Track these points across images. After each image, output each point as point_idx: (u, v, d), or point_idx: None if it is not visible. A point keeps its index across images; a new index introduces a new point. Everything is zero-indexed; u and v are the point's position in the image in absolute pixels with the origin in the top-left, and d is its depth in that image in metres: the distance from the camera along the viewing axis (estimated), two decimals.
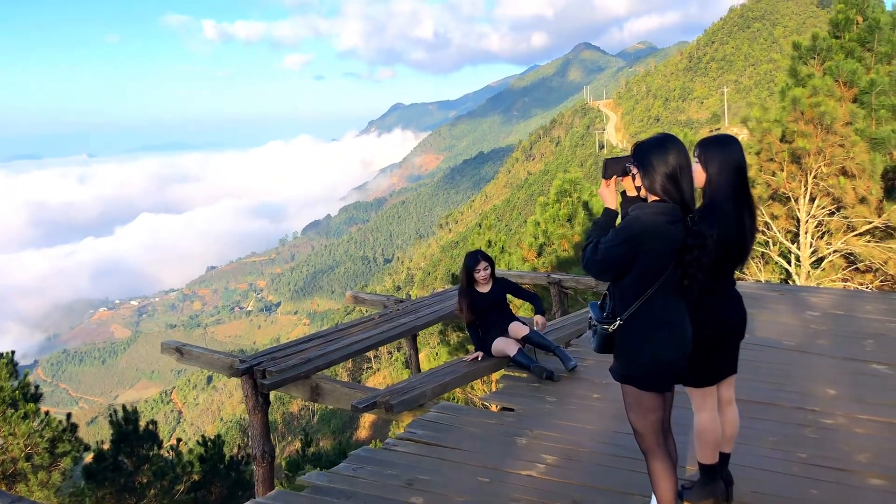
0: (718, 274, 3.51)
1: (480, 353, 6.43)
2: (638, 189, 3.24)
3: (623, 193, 3.38)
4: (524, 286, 7.49)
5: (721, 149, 3.53)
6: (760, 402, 5.34)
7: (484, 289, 6.40)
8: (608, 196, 3.38)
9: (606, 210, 3.39)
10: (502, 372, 6.58)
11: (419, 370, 9.57)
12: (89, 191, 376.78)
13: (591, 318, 3.41)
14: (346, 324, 8.01)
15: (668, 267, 3.14)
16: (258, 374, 6.30)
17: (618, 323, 3.26)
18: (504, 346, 6.29)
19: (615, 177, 3.37)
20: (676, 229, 3.12)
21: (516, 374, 6.25)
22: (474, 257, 6.37)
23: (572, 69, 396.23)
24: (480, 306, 6.37)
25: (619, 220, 3.36)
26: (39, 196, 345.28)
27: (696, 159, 3.57)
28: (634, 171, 3.24)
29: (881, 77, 11.88)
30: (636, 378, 3.27)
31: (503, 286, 6.48)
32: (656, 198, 3.18)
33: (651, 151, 3.18)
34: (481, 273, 6.32)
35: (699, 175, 3.55)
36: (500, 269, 11.55)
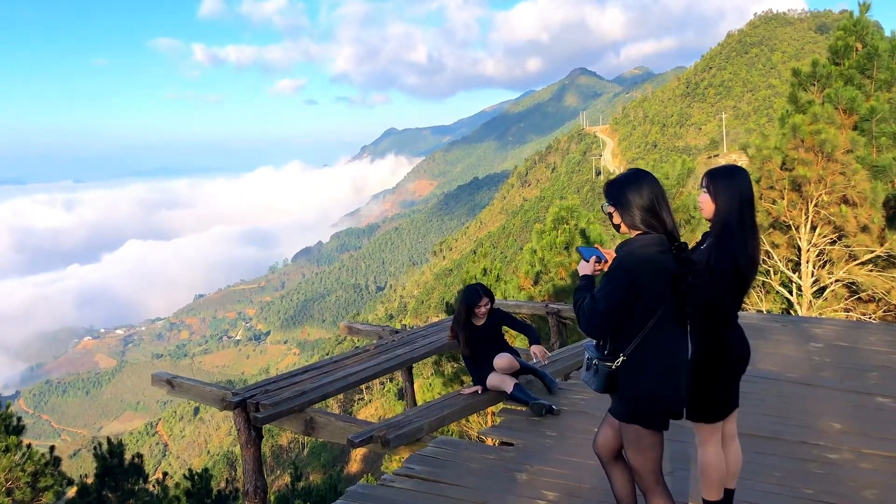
0: (734, 305, 3.54)
1: (479, 388, 6.40)
2: (617, 227, 3.29)
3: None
4: (522, 316, 7.48)
5: (729, 179, 3.57)
6: (764, 437, 5.34)
7: (480, 321, 6.38)
8: (586, 269, 3.42)
9: (585, 276, 3.40)
10: (500, 405, 6.56)
11: (415, 403, 9.55)
12: (75, 217, 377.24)
13: (588, 357, 3.39)
14: (340, 355, 7.99)
15: (666, 297, 3.17)
16: (251, 407, 6.28)
17: (621, 359, 3.24)
18: (499, 382, 6.26)
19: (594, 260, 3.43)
20: (667, 258, 3.17)
21: (515, 408, 6.23)
22: (476, 293, 6.30)
23: (568, 94, 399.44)
24: (477, 339, 6.35)
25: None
26: (24, 222, 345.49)
27: (704, 189, 3.61)
28: (611, 209, 3.29)
29: (881, 104, 11.99)
30: (641, 416, 3.26)
31: (498, 317, 6.45)
32: (639, 232, 3.23)
33: (625, 188, 3.24)
34: (482, 309, 6.29)
35: (707, 205, 3.59)
36: (497, 299, 11.55)
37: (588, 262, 3.43)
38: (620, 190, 3.26)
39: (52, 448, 11.07)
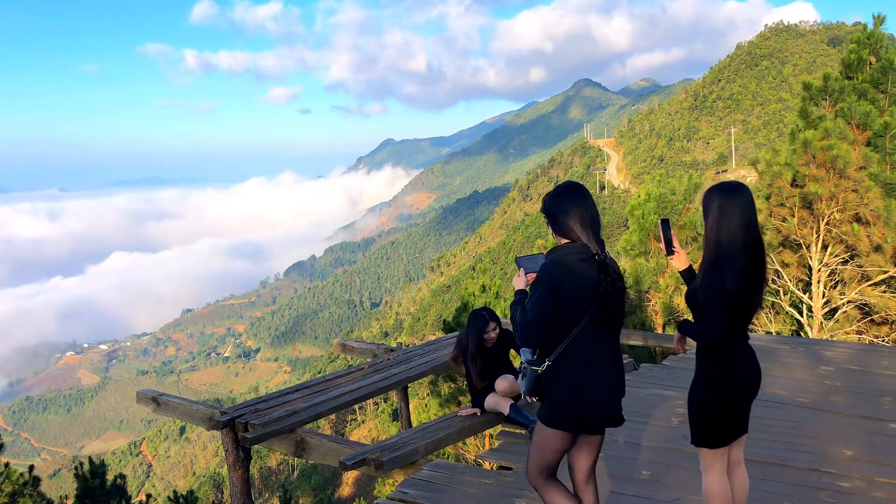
0: (732, 328, 3.53)
1: (478, 410, 6.39)
2: (557, 236, 3.59)
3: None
4: None
5: (730, 196, 3.56)
6: (772, 463, 5.33)
7: (489, 346, 6.36)
8: (520, 283, 3.76)
9: (519, 290, 3.74)
10: (499, 428, 6.54)
11: (410, 424, 9.53)
12: (59, 227, 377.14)
13: (521, 361, 3.67)
14: (333, 374, 7.98)
15: (590, 305, 3.43)
16: (240, 426, 6.26)
17: (546, 364, 3.50)
18: (494, 403, 6.24)
19: (527, 273, 3.75)
20: (590, 266, 3.44)
21: (514, 431, 6.22)
22: (483, 319, 6.23)
23: (572, 106, 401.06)
24: (486, 362, 6.32)
25: None
26: (6, 232, 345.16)
27: (704, 207, 3.62)
28: (546, 220, 3.64)
29: (895, 120, 12.05)
30: (558, 420, 3.51)
31: (505, 339, 6.42)
32: (566, 241, 3.54)
33: (553, 202, 3.59)
34: (490, 334, 6.27)
35: (708, 224, 3.60)
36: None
37: (525, 275, 3.76)
38: (550, 201, 3.60)
39: (31, 467, 11.01)
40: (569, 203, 3.53)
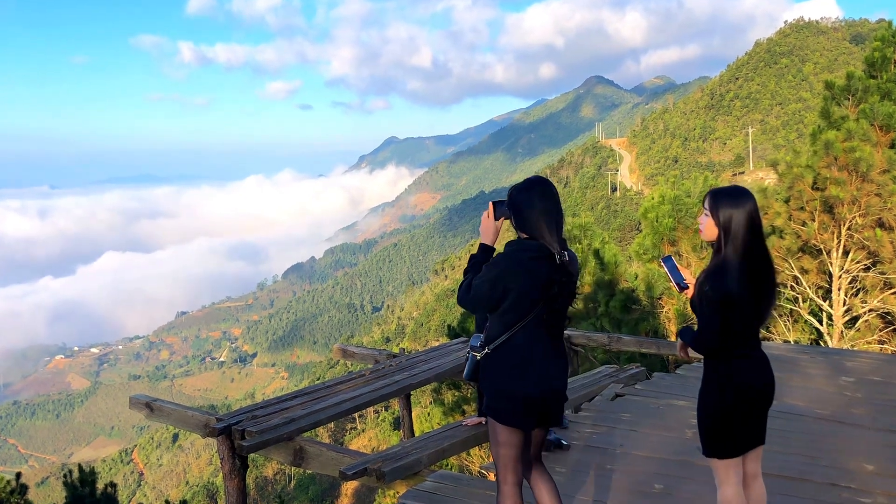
0: (734, 334, 3.53)
1: (483, 419, 6.39)
2: (517, 229, 3.69)
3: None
4: None
5: (733, 201, 3.56)
6: (790, 478, 5.32)
7: None
8: (487, 233, 3.81)
9: (482, 245, 3.81)
10: None
11: (413, 433, 9.52)
12: (49, 226, 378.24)
13: (468, 345, 3.80)
14: (333, 380, 7.98)
15: (537, 303, 3.55)
16: (237, 434, 6.26)
17: (485, 352, 3.65)
18: None
19: (501, 218, 3.80)
20: (542, 265, 3.53)
21: None
22: None
23: (584, 104, 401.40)
24: None
25: None
26: None
27: (707, 211, 3.62)
28: (509, 213, 3.73)
29: None
30: (494, 410, 3.64)
31: None
32: (525, 236, 3.62)
33: (518, 195, 3.67)
34: None
35: (709, 229, 3.60)
36: None
37: (493, 218, 3.76)
38: (515, 196, 3.69)
39: (18, 475, 11.05)
40: (538, 199, 3.62)
